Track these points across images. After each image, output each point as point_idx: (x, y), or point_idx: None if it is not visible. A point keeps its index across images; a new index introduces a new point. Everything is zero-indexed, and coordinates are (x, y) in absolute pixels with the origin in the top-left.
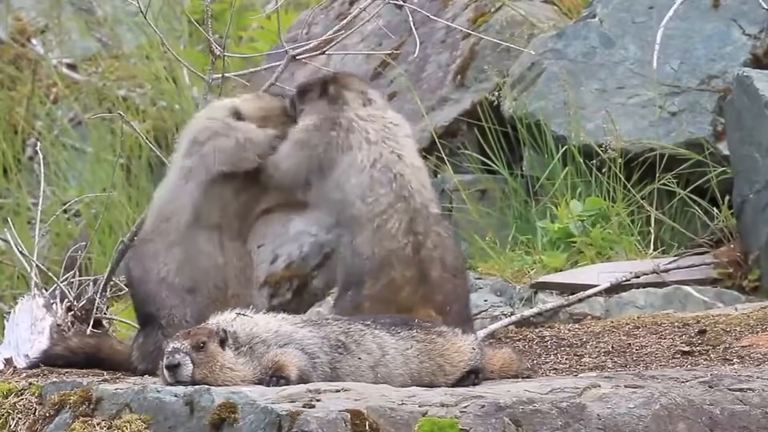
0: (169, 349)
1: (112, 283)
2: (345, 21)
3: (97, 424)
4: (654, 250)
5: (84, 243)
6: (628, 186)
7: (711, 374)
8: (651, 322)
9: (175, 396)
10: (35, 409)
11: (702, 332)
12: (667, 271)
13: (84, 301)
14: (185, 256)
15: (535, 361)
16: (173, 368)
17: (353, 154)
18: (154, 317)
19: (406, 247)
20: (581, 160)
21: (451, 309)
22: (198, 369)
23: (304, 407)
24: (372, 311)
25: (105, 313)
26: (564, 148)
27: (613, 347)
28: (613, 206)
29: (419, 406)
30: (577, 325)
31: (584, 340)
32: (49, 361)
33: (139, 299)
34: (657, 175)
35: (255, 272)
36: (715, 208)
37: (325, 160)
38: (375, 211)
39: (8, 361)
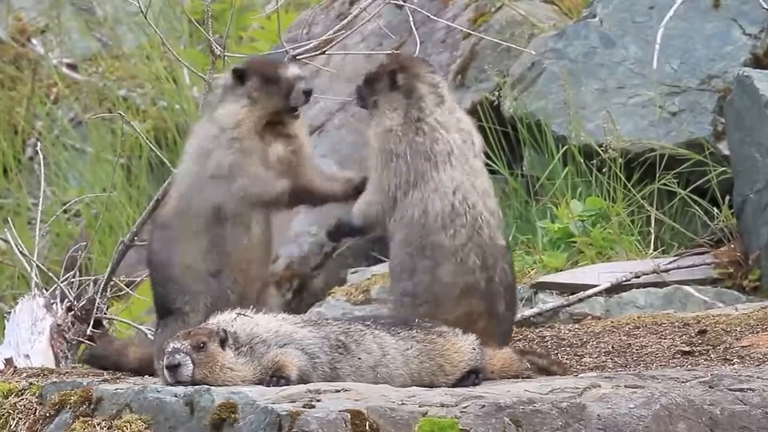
0: (170, 350)
1: (112, 283)
2: (345, 21)
3: (98, 424)
4: (654, 250)
5: (84, 243)
6: (629, 186)
7: (711, 374)
8: (651, 322)
9: (176, 396)
10: (35, 409)
11: (702, 332)
12: (667, 271)
13: (84, 301)
14: (211, 242)
15: (567, 360)
16: (173, 368)
17: (439, 176)
18: (175, 306)
19: (481, 281)
20: (581, 160)
21: (508, 338)
22: (198, 369)
23: (304, 407)
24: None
25: (105, 313)
26: (564, 148)
27: (613, 347)
28: (613, 206)
29: (419, 406)
30: (577, 325)
31: (584, 340)
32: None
33: (161, 285)
34: (657, 175)
35: (274, 247)
36: (715, 208)
37: (412, 172)
38: (456, 245)
39: (8, 361)
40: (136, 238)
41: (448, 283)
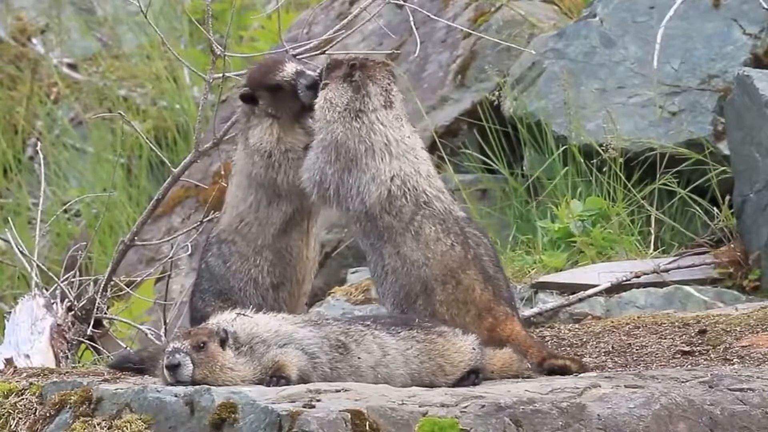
0: (170, 349)
1: (112, 283)
2: (345, 21)
3: (98, 424)
4: (654, 249)
5: (84, 243)
6: (629, 186)
7: (711, 374)
8: (651, 322)
9: (176, 396)
10: (36, 409)
11: (702, 332)
12: (667, 270)
13: (84, 301)
14: (278, 256)
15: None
16: (173, 368)
17: (376, 164)
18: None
19: (455, 247)
20: (581, 160)
21: (514, 304)
22: (198, 369)
23: (304, 407)
24: (450, 316)
25: (105, 313)
26: (564, 148)
27: (613, 347)
28: (613, 206)
29: (419, 406)
30: (577, 325)
31: (584, 340)
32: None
33: (215, 292)
34: (657, 174)
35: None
36: (715, 208)
37: (350, 148)
38: (405, 219)
39: (9, 361)
40: (136, 238)
41: (419, 260)
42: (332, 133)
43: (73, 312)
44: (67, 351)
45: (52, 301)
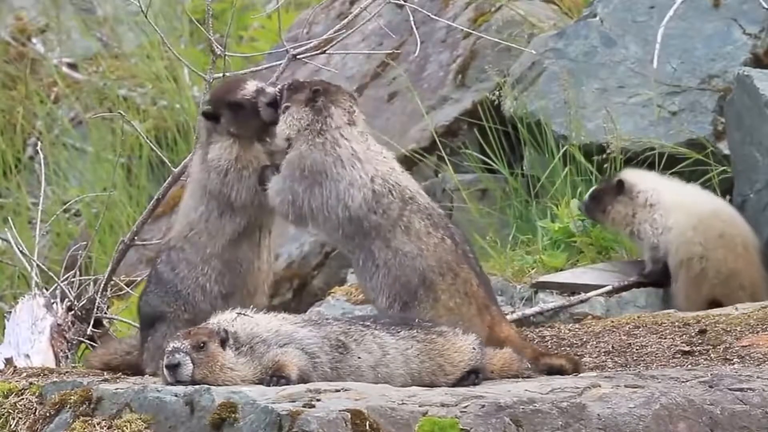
0: (170, 349)
1: (112, 282)
2: (346, 20)
3: (98, 424)
4: None
5: (84, 243)
6: None
7: (711, 374)
8: (651, 321)
9: (176, 396)
10: (35, 409)
11: (702, 332)
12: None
13: (84, 301)
14: (227, 266)
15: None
16: (173, 368)
17: (349, 171)
18: (168, 315)
19: (445, 240)
20: (582, 160)
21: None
22: (198, 369)
23: (304, 407)
24: (455, 304)
25: (105, 313)
26: (564, 148)
27: (613, 347)
28: None
29: (419, 406)
30: (577, 325)
31: (584, 339)
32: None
33: (160, 298)
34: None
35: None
36: None
37: (316, 161)
38: (393, 216)
39: (9, 361)
40: (136, 237)
41: (412, 251)
42: (296, 151)
43: (73, 312)
44: (67, 351)
45: (52, 300)
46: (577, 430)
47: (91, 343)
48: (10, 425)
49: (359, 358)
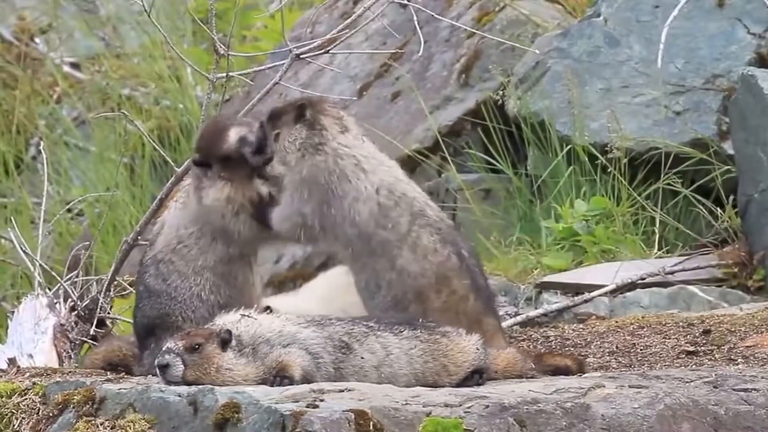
0: (163, 349)
1: (115, 282)
2: (349, 20)
3: (101, 424)
4: (658, 249)
5: (87, 242)
6: (633, 185)
7: (715, 374)
8: (655, 322)
9: (179, 396)
10: (39, 409)
11: (706, 332)
12: (672, 273)
13: (87, 301)
14: (221, 279)
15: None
16: (162, 368)
17: (354, 185)
18: (168, 320)
19: (451, 257)
20: (586, 160)
21: (498, 314)
22: (189, 370)
23: (307, 407)
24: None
25: (108, 313)
26: (568, 148)
27: (617, 347)
28: (617, 206)
29: (423, 406)
30: (581, 325)
31: (588, 340)
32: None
33: (156, 309)
34: (661, 174)
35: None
36: (719, 208)
37: (320, 182)
38: (402, 232)
39: (12, 361)
40: (139, 237)
41: (416, 271)
42: (299, 174)
43: (76, 312)
44: (70, 351)
45: (55, 300)
46: (581, 431)
47: (94, 343)
48: (14, 425)
49: (362, 358)
